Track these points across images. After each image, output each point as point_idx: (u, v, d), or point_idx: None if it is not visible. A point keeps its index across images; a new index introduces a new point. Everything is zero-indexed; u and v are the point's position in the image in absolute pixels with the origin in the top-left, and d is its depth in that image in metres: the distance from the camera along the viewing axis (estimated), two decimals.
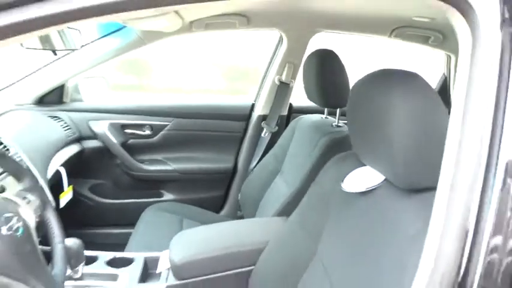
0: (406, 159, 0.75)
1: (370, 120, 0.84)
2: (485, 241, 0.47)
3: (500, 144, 0.49)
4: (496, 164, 0.49)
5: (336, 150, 1.22)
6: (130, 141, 2.02)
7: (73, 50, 1.56)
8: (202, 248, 1.26)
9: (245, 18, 1.76)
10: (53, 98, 1.89)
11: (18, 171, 0.95)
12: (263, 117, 2.07)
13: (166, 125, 2.03)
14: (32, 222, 0.89)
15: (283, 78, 1.99)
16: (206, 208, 1.95)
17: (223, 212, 2.13)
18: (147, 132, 2.03)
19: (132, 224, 1.77)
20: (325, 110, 1.71)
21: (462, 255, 0.48)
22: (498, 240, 0.48)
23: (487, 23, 0.53)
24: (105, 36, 1.76)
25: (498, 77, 0.51)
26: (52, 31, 1.41)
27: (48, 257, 0.95)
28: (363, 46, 2.73)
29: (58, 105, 1.90)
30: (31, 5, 0.48)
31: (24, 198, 0.91)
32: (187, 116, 2.06)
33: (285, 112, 2.09)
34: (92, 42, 1.78)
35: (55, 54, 1.48)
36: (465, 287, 0.47)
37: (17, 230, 0.82)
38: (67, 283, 1.18)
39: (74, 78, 1.91)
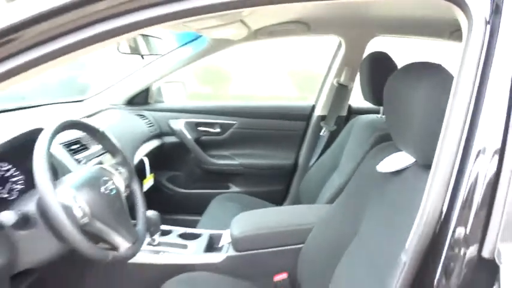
0: (432, 141, 0.85)
1: (402, 109, 0.95)
2: (457, 209, 0.58)
3: (476, 130, 0.59)
4: (471, 149, 0.59)
5: (385, 142, 1.33)
6: (203, 138, 2.27)
7: (159, 55, 1.83)
8: (258, 225, 1.43)
9: (305, 26, 1.92)
10: (140, 99, 2.21)
11: (113, 149, 1.21)
12: (322, 118, 2.20)
13: (233, 124, 2.25)
14: (121, 188, 1.13)
15: (342, 80, 2.11)
16: (268, 201, 2.12)
17: (284, 205, 2.28)
18: (217, 130, 2.26)
19: (200, 212, 2.00)
20: (381, 109, 1.79)
21: (440, 216, 0.59)
22: (468, 208, 0.58)
23: (478, 14, 0.63)
24: (183, 45, 2.03)
25: (484, 61, 0.61)
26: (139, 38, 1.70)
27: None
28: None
29: (144, 106, 2.22)
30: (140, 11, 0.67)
31: (117, 169, 1.16)
32: (253, 116, 2.27)
33: (344, 113, 2.20)
34: (172, 50, 2.06)
35: (143, 58, 1.77)
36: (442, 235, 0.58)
37: (111, 190, 1.06)
38: (146, 247, 1.44)
39: (157, 82, 2.22)
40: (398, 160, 1.02)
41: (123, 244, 1.04)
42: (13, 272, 1.01)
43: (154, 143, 2.13)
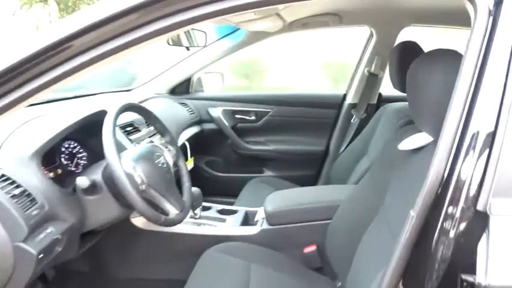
0: None
1: (421, 92, 1.04)
2: (456, 172, 0.68)
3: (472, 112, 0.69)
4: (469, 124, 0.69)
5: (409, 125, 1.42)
6: (239, 125, 2.42)
7: (200, 47, 1.98)
8: (290, 201, 1.57)
9: (338, 17, 2.01)
10: (182, 88, 2.39)
11: (163, 130, 1.38)
12: (353, 106, 2.29)
13: (268, 112, 2.39)
14: (170, 163, 1.30)
15: (372, 69, 2.19)
16: (299, 185, 2.24)
17: None
18: (253, 117, 2.41)
19: (236, 195, 2.14)
20: None
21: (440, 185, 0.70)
22: (465, 172, 0.68)
23: (483, 6, 0.73)
24: (223, 37, 2.17)
25: (486, 48, 0.71)
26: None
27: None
28: None
29: (185, 95, 2.40)
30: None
31: (167, 147, 1.33)
32: (286, 104, 2.39)
33: (374, 101, 2.28)
34: (213, 42, 2.21)
35: (188, 49, 1.93)
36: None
37: (163, 164, 1.23)
38: (189, 220, 1.61)
39: (197, 73, 2.39)
40: (418, 139, 1.11)
41: (172, 210, 1.21)
42: (82, 231, 1.20)
43: (195, 129, 2.30)
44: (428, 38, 2.30)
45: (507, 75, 0.69)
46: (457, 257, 0.66)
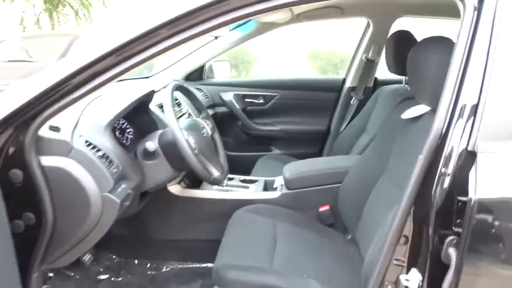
0: None
1: (421, 70, 1.30)
2: (453, 124, 0.94)
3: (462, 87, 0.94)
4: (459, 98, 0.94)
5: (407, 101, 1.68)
6: (248, 108, 2.67)
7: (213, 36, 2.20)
8: (305, 169, 1.83)
9: (339, 10, 2.25)
10: (196, 75, 2.61)
11: (200, 107, 1.61)
12: (352, 89, 2.56)
13: (275, 96, 2.64)
14: (210, 134, 1.54)
15: (370, 56, 2.45)
16: None
17: None
18: (261, 101, 2.65)
19: (247, 171, 2.38)
20: (403, 79, 2.13)
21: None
22: (460, 124, 0.93)
23: (469, 1, 0.98)
24: (234, 28, 2.39)
25: (472, 35, 0.96)
26: None
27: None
28: None
29: (199, 81, 2.62)
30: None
31: (205, 122, 1.56)
32: (291, 88, 2.65)
33: (371, 84, 2.55)
34: (228, 32, 2.43)
35: (216, 38, 2.15)
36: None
37: (206, 134, 1.47)
38: (216, 187, 1.85)
39: (209, 61, 2.61)
40: (418, 109, 1.37)
41: (216, 172, 1.45)
42: (141, 190, 1.43)
43: (209, 112, 2.52)
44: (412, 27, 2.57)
45: (487, 56, 0.95)
46: (454, 185, 0.92)
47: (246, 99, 2.65)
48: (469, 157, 0.91)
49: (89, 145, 1.20)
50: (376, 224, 1.29)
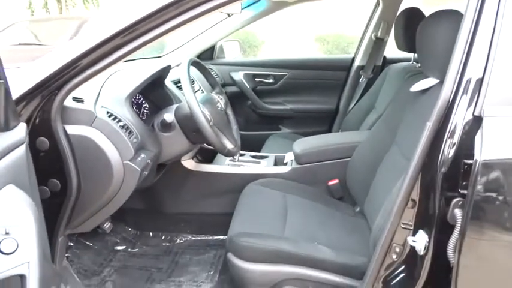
0: None
1: (430, 43, 1.32)
2: (460, 93, 0.98)
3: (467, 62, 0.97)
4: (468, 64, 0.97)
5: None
6: (258, 87, 2.70)
7: (229, 15, 2.22)
8: (315, 144, 1.88)
9: None
10: (207, 55, 2.65)
11: (214, 83, 1.66)
12: (361, 67, 2.58)
13: (285, 75, 2.67)
14: (224, 109, 1.59)
15: (379, 34, 2.47)
16: None
17: None
18: (271, 80, 2.69)
19: (257, 150, 2.43)
20: (412, 57, 2.15)
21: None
22: (466, 92, 0.97)
23: None
24: (246, 7, 2.41)
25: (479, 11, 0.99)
26: None
27: None
28: None
29: (210, 60, 2.66)
30: None
31: (219, 96, 1.61)
32: (301, 67, 2.68)
33: (380, 63, 2.57)
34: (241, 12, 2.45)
35: (229, 16, 2.17)
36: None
37: (221, 108, 1.52)
38: (230, 162, 1.90)
39: (219, 41, 2.64)
40: (426, 82, 1.40)
41: (229, 145, 1.50)
42: (158, 162, 1.49)
43: None
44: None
45: (493, 30, 0.98)
46: (460, 149, 0.97)
47: (256, 79, 2.69)
48: (475, 122, 0.95)
49: (110, 116, 1.25)
50: (383, 196, 1.34)
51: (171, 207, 1.93)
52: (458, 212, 0.96)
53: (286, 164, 1.92)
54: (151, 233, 1.95)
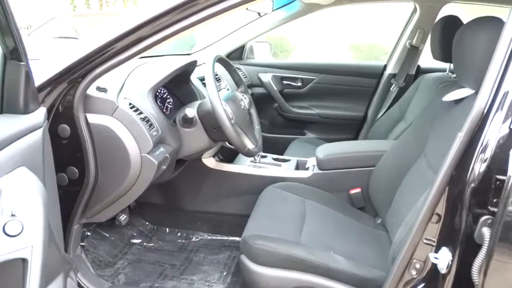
0: None
1: (466, 52, 1.26)
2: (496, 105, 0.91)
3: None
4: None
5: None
6: (286, 90, 2.67)
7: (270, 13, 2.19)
8: (339, 150, 1.82)
9: None
10: (236, 54, 2.64)
11: (239, 81, 1.64)
12: (393, 76, 2.50)
13: (313, 79, 2.63)
14: (247, 108, 1.56)
15: (414, 42, 2.38)
16: None
17: None
18: (299, 83, 2.65)
19: (280, 153, 2.39)
20: (448, 68, 2.06)
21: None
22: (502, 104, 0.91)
23: None
24: (278, 8, 2.39)
25: None
26: None
27: None
28: None
29: (239, 60, 2.65)
30: None
31: (243, 95, 1.59)
32: (331, 72, 2.62)
33: (413, 72, 2.48)
34: (271, 12, 2.42)
35: (260, 15, 2.15)
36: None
37: (244, 107, 1.50)
38: (249, 163, 1.87)
39: (250, 42, 2.63)
40: (460, 92, 1.33)
41: (250, 144, 1.48)
42: (177, 157, 1.49)
43: None
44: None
45: None
46: (493, 163, 0.90)
47: (284, 81, 2.66)
48: (510, 136, 0.88)
49: (132, 107, 1.25)
50: (407, 209, 1.28)
51: (189, 205, 1.92)
52: (486, 231, 0.89)
53: (307, 168, 1.88)
54: (167, 229, 1.94)
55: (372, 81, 2.58)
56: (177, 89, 1.63)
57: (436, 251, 0.99)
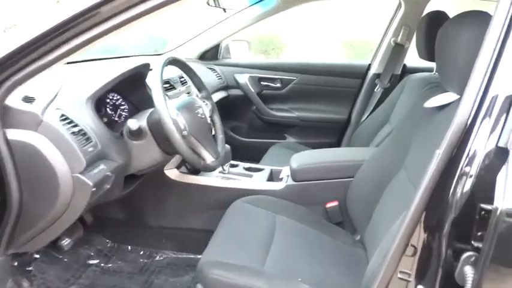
0: None
1: (450, 53, 1.10)
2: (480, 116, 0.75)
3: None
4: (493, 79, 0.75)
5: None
6: (264, 91, 2.49)
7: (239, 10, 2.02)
8: (314, 159, 1.66)
9: None
10: (210, 54, 2.46)
11: (200, 86, 1.47)
12: (377, 76, 2.34)
13: (293, 80, 2.45)
14: (207, 115, 1.39)
15: (399, 40, 2.22)
16: None
17: None
18: (278, 85, 2.48)
19: (258, 160, 2.22)
20: (434, 67, 1.90)
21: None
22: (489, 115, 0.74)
23: None
24: (254, 4, 2.22)
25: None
26: None
27: None
28: None
29: (214, 61, 2.47)
30: None
31: (204, 102, 1.42)
32: (311, 72, 2.45)
33: (399, 71, 2.32)
34: (244, 9, 2.26)
35: (225, 11, 1.99)
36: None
37: (202, 115, 1.33)
38: (218, 174, 1.71)
39: (225, 40, 2.46)
40: (444, 98, 1.17)
41: (208, 158, 1.31)
42: (126, 173, 1.32)
43: (222, 94, 2.38)
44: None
45: None
46: (477, 189, 0.74)
47: (262, 83, 2.48)
48: (498, 155, 0.72)
49: (64, 119, 1.08)
50: (385, 227, 1.13)
51: (152, 220, 1.76)
52: (468, 271, 0.73)
53: (281, 179, 1.71)
54: (129, 247, 1.77)
55: (355, 82, 2.41)
56: (132, 94, 1.46)
57: None
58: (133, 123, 1.21)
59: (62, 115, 1.08)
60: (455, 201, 0.76)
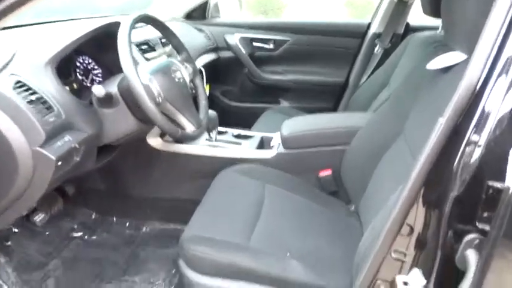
0: None
1: (458, 8, 0.97)
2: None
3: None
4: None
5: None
6: (257, 53, 2.34)
7: None
8: (307, 125, 1.55)
9: None
10: (198, 13, 2.30)
11: (180, 47, 1.33)
12: (378, 35, 2.18)
13: (287, 40, 2.29)
14: (187, 80, 1.27)
15: None
16: None
17: None
18: (271, 46, 2.32)
19: (250, 125, 2.10)
20: (440, 25, 1.75)
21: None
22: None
23: None
24: None
25: None
26: None
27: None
28: None
29: (202, 20, 2.31)
30: None
31: (183, 64, 1.29)
32: (307, 32, 2.29)
33: (401, 30, 2.16)
34: None
35: None
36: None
37: (179, 79, 1.20)
38: (205, 142, 1.60)
39: None
40: (450, 58, 1.05)
41: (189, 126, 1.20)
42: (99, 144, 1.21)
43: (211, 56, 2.23)
44: None
45: None
46: (485, 163, 0.64)
47: (254, 43, 2.32)
48: (510, 120, 0.62)
49: (20, 86, 0.96)
50: (380, 201, 1.04)
51: (138, 190, 1.67)
52: (471, 255, 0.64)
53: (272, 147, 1.61)
54: (114, 219, 1.70)
55: (353, 42, 2.25)
56: (105, 57, 1.33)
57: (407, 272, 0.75)
58: (98, 90, 1.08)
59: (18, 81, 0.96)
60: (459, 176, 0.66)
